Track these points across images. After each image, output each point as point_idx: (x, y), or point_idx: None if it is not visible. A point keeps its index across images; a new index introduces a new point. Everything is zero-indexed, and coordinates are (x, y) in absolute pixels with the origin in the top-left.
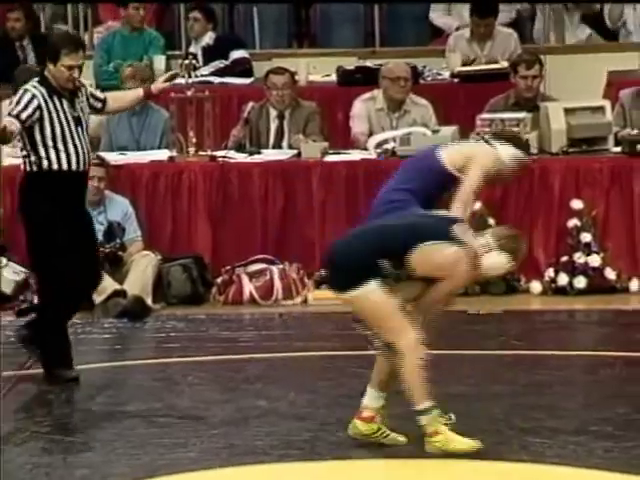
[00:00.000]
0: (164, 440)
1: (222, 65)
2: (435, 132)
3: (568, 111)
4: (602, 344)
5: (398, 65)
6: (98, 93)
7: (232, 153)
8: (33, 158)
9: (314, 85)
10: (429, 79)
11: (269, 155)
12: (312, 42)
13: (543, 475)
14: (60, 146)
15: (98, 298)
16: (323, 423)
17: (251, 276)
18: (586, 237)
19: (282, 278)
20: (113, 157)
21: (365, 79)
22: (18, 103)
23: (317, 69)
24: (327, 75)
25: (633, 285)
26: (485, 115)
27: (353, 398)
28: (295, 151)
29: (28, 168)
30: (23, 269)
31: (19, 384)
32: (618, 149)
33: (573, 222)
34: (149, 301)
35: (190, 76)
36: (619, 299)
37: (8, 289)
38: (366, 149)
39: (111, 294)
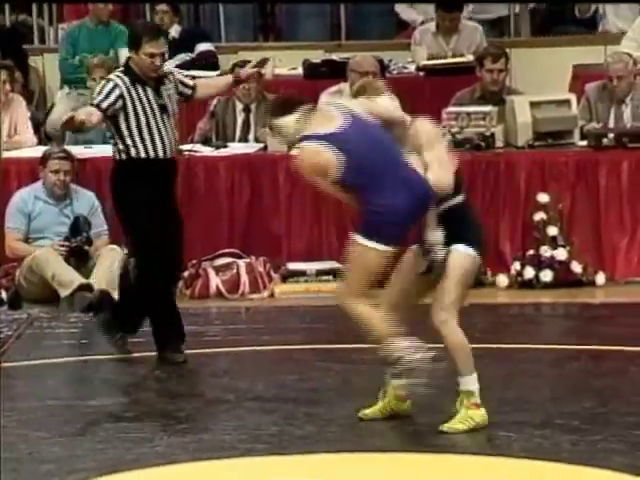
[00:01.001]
0: (130, 435)
1: (188, 58)
2: None
3: (534, 105)
4: (568, 337)
5: (366, 59)
6: (187, 80)
7: (198, 147)
8: (120, 146)
9: (280, 78)
10: (395, 73)
11: (235, 149)
12: (278, 35)
13: (509, 468)
14: (145, 134)
15: (64, 292)
16: (289, 417)
17: (217, 270)
18: (552, 231)
19: (249, 272)
20: (79, 150)
21: (331, 72)
22: (100, 93)
23: (283, 62)
24: (293, 68)
25: (599, 278)
26: (451, 108)
27: (319, 392)
28: (261, 144)
29: (117, 156)
30: None
31: None
32: (584, 143)
33: (539, 216)
34: (115, 295)
35: None
36: (585, 292)
37: None
38: None
39: (77, 288)
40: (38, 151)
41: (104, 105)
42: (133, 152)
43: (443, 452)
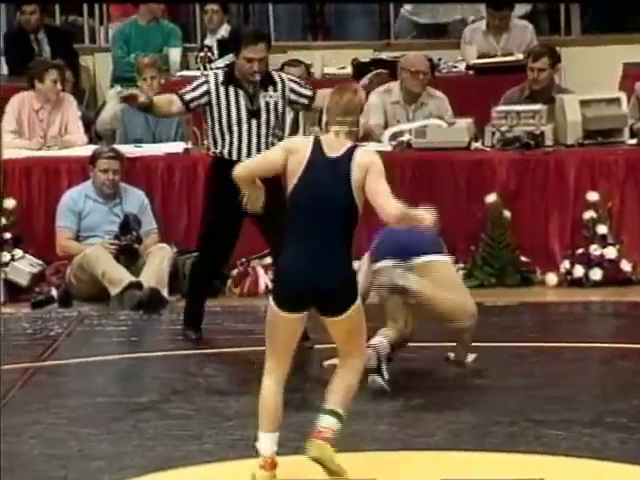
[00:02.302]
0: (179, 432)
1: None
2: (451, 124)
3: (584, 103)
4: (617, 336)
5: (418, 57)
6: (302, 89)
7: None
8: (206, 141)
9: (329, 77)
10: (445, 71)
11: None
12: (327, 34)
13: (557, 466)
14: (227, 136)
15: (114, 290)
16: None
17: (266, 268)
18: (602, 229)
19: None
20: (128, 150)
21: None
22: (190, 84)
23: (332, 61)
24: (342, 67)
25: None
26: (501, 107)
27: (365, 389)
28: None
29: (205, 149)
30: (39, 261)
31: (35, 376)
32: (634, 141)
33: (589, 214)
34: (165, 293)
35: (205, 68)
36: (635, 291)
37: (24, 281)
38: (381, 141)
39: (127, 286)
40: (88, 150)
41: (187, 97)
42: (215, 149)
43: (491, 451)
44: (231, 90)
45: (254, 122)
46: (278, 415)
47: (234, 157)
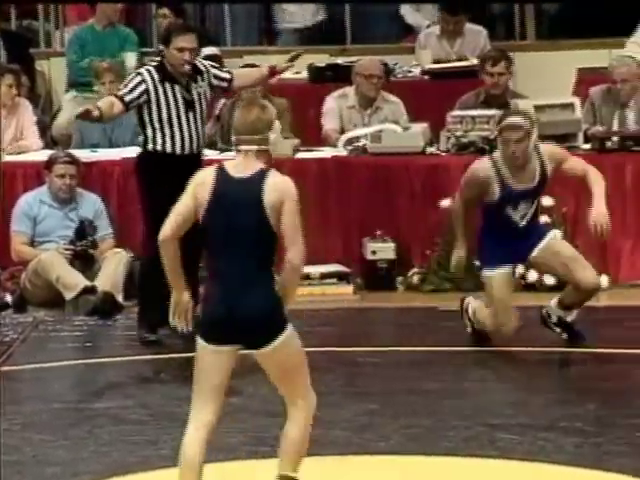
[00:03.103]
0: (135, 437)
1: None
2: (406, 129)
3: (538, 108)
4: (572, 341)
5: (372, 62)
6: (222, 73)
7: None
8: (142, 138)
9: (285, 82)
10: (400, 76)
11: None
12: (283, 39)
13: (512, 471)
14: (166, 129)
15: (69, 295)
16: None
17: None
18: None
19: None
20: (84, 154)
21: (336, 76)
22: (126, 85)
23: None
24: (298, 72)
25: (603, 282)
26: (455, 112)
27: (324, 395)
28: None
29: (140, 148)
30: None
31: None
32: (588, 146)
33: (543, 219)
34: (120, 298)
35: None
36: None
37: None
38: (337, 146)
39: (82, 291)
40: (44, 155)
41: (127, 98)
42: (150, 146)
43: (446, 455)
44: (167, 86)
45: (191, 114)
46: (196, 470)
47: (177, 151)
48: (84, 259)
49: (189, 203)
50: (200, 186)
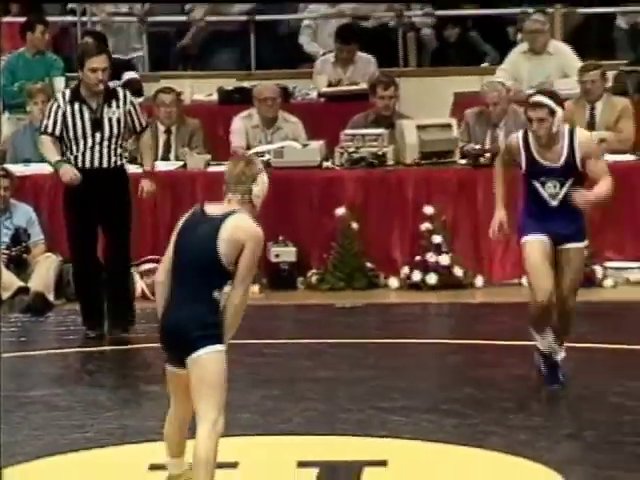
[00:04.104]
0: (64, 422)
1: (116, 86)
2: (305, 146)
3: (420, 128)
4: (451, 333)
5: (266, 87)
6: (141, 120)
7: (125, 165)
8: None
9: (197, 103)
10: (299, 99)
11: (158, 166)
12: (195, 65)
13: (400, 449)
14: (74, 146)
15: (4, 295)
16: None
17: (142, 274)
18: (437, 239)
19: None
20: (18, 169)
21: (242, 98)
22: (48, 117)
23: (200, 89)
24: (209, 95)
25: (478, 281)
26: (348, 131)
27: (232, 381)
28: (181, 162)
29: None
30: None
31: None
32: (464, 161)
33: (425, 226)
34: (51, 297)
35: None
36: (466, 294)
37: None
38: None
39: (16, 291)
40: None
41: (50, 129)
42: (67, 159)
43: (341, 435)
44: (76, 106)
45: (98, 134)
46: (175, 441)
47: (85, 165)
48: (18, 263)
49: (172, 241)
50: (180, 222)
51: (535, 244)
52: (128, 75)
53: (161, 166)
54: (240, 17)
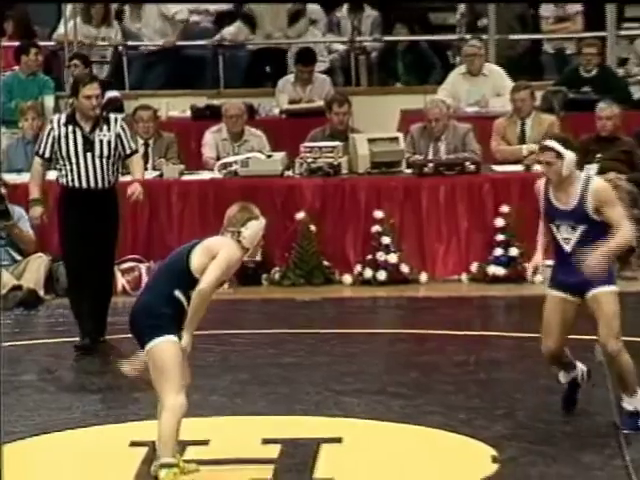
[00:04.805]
0: (53, 405)
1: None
2: (269, 157)
3: (371, 141)
4: (398, 324)
5: (232, 105)
6: (131, 144)
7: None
8: (57, 173)
9: (172, 119)
10: (263, 115)
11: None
12: (170, 84)
13: (352, 427)
14: (68, 166)
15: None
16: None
17: (123, 272)
18: (386, 240)
19: (148, 273)
20: (11, 177)
21: (213, 115)
22: (42, 140)
23: (175, 107)
24: (183, 111)
25: (422, 277)
26: (307, 144)
27: (204, 367)
28: (158, 172)
29: (55, 180)
30: None
31: None
32: (409, 171)
33: (376, 228)
34: (41, 293)
35: None
36: (411, 288)
37: None
38: (214, 170)
39: (10, 288)
40: None
41: (41, 152)
42: (60, 178)
43: (302, 415)
44: (70, 128)
45: (89, 155)
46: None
47: (76, 185)
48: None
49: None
50: None
51: (552, 301)
52: (110, 94)
53: None
54: (211, 42)
